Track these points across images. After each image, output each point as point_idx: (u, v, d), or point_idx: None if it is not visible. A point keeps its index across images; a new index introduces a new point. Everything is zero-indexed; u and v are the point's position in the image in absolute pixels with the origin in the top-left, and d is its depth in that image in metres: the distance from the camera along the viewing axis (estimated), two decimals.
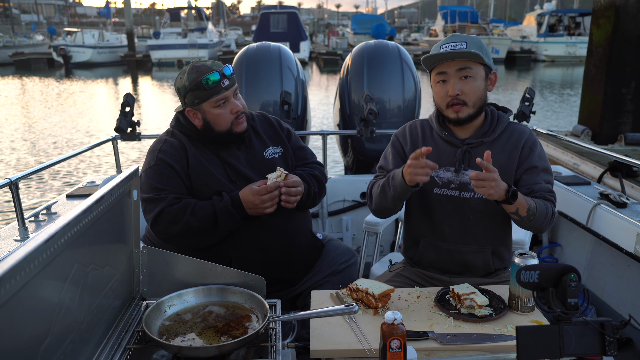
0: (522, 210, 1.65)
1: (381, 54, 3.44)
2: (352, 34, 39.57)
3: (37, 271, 0.87)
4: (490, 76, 1.78)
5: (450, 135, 1.81)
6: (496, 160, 1.75)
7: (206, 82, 1.83)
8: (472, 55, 1.69)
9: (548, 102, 15.40)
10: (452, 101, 1.73)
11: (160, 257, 1.50)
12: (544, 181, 1.77)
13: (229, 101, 1.90)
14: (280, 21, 28.77)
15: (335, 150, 4.86)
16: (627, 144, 6.04)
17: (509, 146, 1.79)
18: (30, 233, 2.24)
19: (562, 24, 31.38)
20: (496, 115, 1.84)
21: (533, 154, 1.78)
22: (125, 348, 1.30)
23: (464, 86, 1.71)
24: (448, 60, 1.71)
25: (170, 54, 29.97)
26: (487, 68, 1.76)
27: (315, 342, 1.40)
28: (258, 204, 1.82)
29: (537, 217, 1.68)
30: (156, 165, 1.90)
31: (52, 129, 11.58)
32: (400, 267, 2.00)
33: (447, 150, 1.82)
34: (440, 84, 1.75)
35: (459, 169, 1.79)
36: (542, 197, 1.73)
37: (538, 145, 1.82)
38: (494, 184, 1.56)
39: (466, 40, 1.71)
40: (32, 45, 36.02)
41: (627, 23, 6.23)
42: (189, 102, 1.90)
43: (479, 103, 1.74)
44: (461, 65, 1.70)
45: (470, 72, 1.71)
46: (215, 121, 1.90)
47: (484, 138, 1.79)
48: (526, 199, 1.67)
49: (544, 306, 1.09)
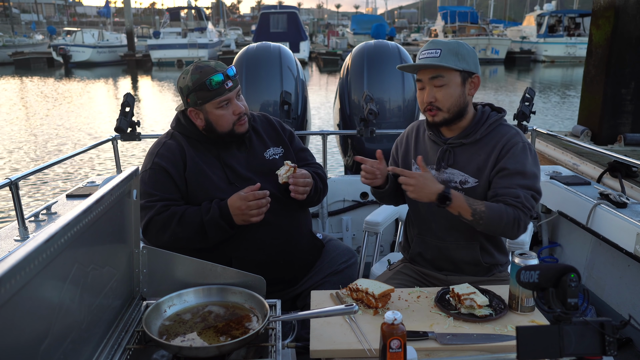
0: (464, 213, 1.70)
1: (381, 54, 3.44)
2: (351, 34, 39.56)
3: (37, 271, 0.87)
4: (472, 79, 1.79)
5: (434, 135, 1.89)
6: (474, 161, 1.81)
7: (210, 83, 1.83)
8: (440, 67, 1.73)
9: (548, 102, 15.40)
10: (427, 107, 1.80)
11: (160, 257, 1.50)
12: (517, 185, 1.72)
13: (231, 102, 1.90)
14: (280, 21, 28.78)
15: (335, 150, 4.85)
16: (626, 145, 6.04)
17: (489, 147, 1.80)
18: (30, 233, 2.24)
19: (562, 24, 31.40)
20: (485, 116, 1.84)
21: (508, 156, 1.76)
22: (125, 348, 1.30)
23: (437, 93, 1.77)
24: (421, 69, 1.78)
25: (170, 54, 29.99)
26: (465, 73, 1.77)
27: (315, 342, 1.40)
28: (244, 209, 1.80)
29: (488, 222, 1.69)
30: (151, 169, 1.91)
31: (52, 129, 11.57)
32: (400, 265, 2.04)
33: (433, 149, 1.90)
34: (420, 90, 1.83)
35: (439, 167, 1.85)
36: (503, 201, 1.71)
37: (519, 148, 1.76)
38: (413, 189, 1.69)
39: (441, 47, 1.74)
40: (32, 45, 36.03)
41: (626, 24, 6.23)
42: (192, 102, 1.90)
43: (454, 108, 1.78)
44: (434, 74, 1.76)
45: (442, 81, 1.75)
46: (217, 122, 1.90)
47: (465, 139, 1.83)
48: (472, 204, 1.70)
49: (544, 306, 1.09)
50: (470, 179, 1.80)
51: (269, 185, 1.97)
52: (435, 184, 1.71)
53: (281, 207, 1.97)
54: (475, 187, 1.80)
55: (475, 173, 1.80)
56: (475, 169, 1.80)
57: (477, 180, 1.80)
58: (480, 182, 1.80)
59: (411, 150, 1.97)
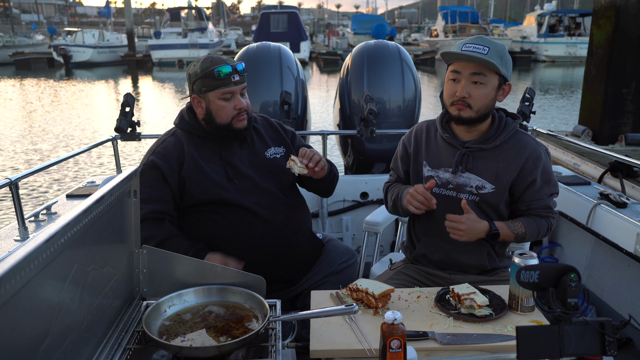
0: (508, 239, 1.82)
1: (381, 54, 3.44)
2: (352, 34, 39.55)
3: (37, 271, 0.87)
4: (504, 87, 1.78)
5: (451, 137, 1.84)
6: (493, 167, 1.80)
7: (218, 73, 1.87)
8: (488, 64, 1.68)
9: (548, 102, 15.40)
10: (457, 101, 1.75)
11: (160, 257, 1.50)
12: (546, 195, 1.83)
13: (235, 96, 1.92)
14: (281, 21, 28.78)
15: (335, 150, 4.85)
16: (627, 144, 6.04)
17: (509, 155, 1.81)
18: (30, 233, 2.24)
19: (563, 24, 31.39)
20: (503, 122, 1.84)
21: (535, 169, 1.80)
22: (125, 348, 1.30)
23: (473, 90, 1.72)
24: (465, 61, 1.72)
25: (170, 54, 30.02)
26: (502, 78, 1.75)
27: (315, 342, 1.40)
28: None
29: (528, 238, 1.83)
30: (145, 165, 1.92)
31: (52, 129, 11.57)
32: (401, 265, 2.03)
33: (448, 151, 1.85)
34: (452, 81, 1.77)
35: (455, 170, 1.82)
36: (537, 214, 1.82)
37: (543, 159, 1.81)
38: (462, 233, 1.72)
39: (489, 46, 1.70)
40: (32, 45, 36.01)
41: (627, 23, 6.23)
42: (197, 89, 1.93)
43: (483, 110, 1.75)
44: (476, 70, 1.71)
45: (482, 79, 1.71)
46: (217, 113, 1.92)
47: (485, 144, 1.81)
48: (513, 229, 1.79)
49: (544, 306, 1.09)
50: (488, 185, 1.80)
51: (269, 183, 1.98)
52: (480, 223, 1.74)
53: (281, 207, 1.97)
54: (492, 192, 1.80)
55: (493, 179, 1.79)
56: (493, 176, 1.79)
57: (494, 186, 1.79)
58: (498, 189, 1.79)
59: (422, 151, 1.92)
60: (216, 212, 1.92)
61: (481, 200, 1.80)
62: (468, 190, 1.81)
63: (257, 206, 1.93)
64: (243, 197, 1.92)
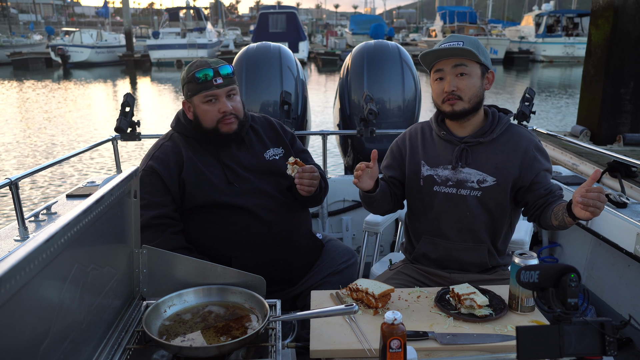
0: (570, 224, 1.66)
1: (381, 54, 3.44)
2: (350, 34, 39.56)
3: (37, 271, 0.87)
4: (487, 75, 1.82)
5: (448, 134, 1.86)
6: (492, 160, 1.81)
7: (198, 77, 1.87)
8: (466, 53, 1.73)
9: (547, 102, 15.41)
10: (447, 97, 1.77)
11: (160, 257, 1.50)
12: (550, 179, 1.85)
13: (219, 100, 1.90)
14: (279, 21, 28.79)
15: (335, 150, 4.85)
16: (625, 145, 6.05)
17: (508, 147, 1.82)
18: (30, 233, 2.24)
19: (561, 24, 31.43)
20: (497, 117, 1.87)
21: (538, 157, 1.82)
22: (125, 348, 1.30)
23: (459, 82, 1.76)
24: (444, 58, 1.77)
25: (169, 54, 30.00)
26: (483, 67, 1.79)
27: (315, 342, 1.40)
28: None
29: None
30: (144, 171, 1.91)
31: (52, 129, 11.56)
32: (401, 265, 2.03)
33: (446, 148, 1.86)
34: (438, 81, 1.80)
35: (455, 166, 1.83)
36: (559, 195, 1.80)
37: (541, 146, 1.86)
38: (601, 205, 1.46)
39: (463, 39, 1.77)
40: (30, 45, 35.90)
41: (625, 23, 6.23)
42: (185, 93, 1.95)
43: (474, 100, 1.78)
44: (457, 62, 1.76)
45: (465, 69, 1.75)
46: (202, 117, 1.92)
47: (482, 138, 1.82)
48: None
49: (544, 306, 1.09)
50: (489, 178, 1.80)
51: (268, 185, 1.97)
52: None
53: (281, 207, 1.97)
54: (494, 185, 1.80)
55: (493, 172, 1.80)
56: (493, 168, 1.80)
57: (496, 179, 1.80)
58: (499, 181, 1.80)
59: (419, 151, 1.92)
60: (216, 214, 1.92)
61: (484, 195, 1.80)
62: (469, 185, 1.81)
63: (257, 208, 1.92)
64: (243, 199, 1.92)
